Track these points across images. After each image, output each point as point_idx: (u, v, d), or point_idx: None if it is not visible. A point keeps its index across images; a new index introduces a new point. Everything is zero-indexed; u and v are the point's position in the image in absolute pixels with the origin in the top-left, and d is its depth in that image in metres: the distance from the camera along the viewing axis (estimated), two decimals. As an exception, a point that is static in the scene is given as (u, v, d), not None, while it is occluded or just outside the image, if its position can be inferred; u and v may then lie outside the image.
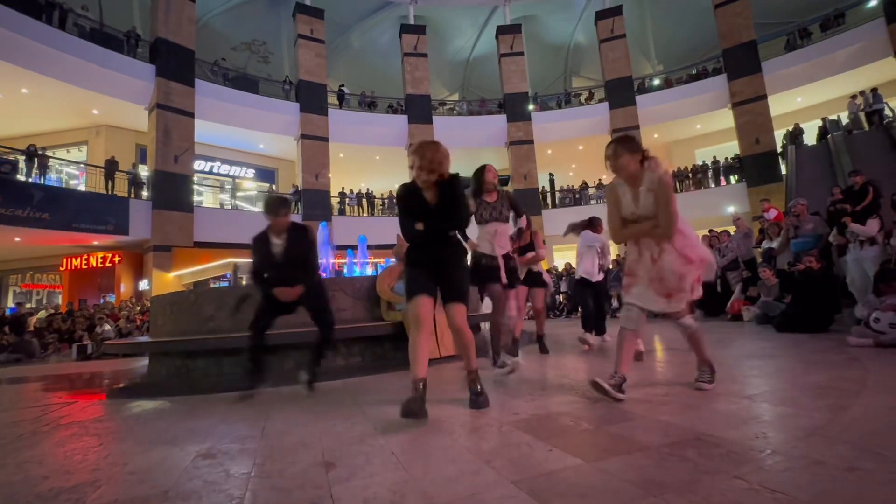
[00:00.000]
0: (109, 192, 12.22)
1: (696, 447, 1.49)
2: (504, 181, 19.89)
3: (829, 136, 13.65)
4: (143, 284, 13.00)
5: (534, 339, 4.46)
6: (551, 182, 19.09)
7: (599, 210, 2.69)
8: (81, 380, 5.12)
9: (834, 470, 1.25)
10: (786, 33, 16.27)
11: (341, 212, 17.02)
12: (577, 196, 18.48)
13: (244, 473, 1.55)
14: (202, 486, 1.47)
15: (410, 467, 1.50)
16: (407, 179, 2.47)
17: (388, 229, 7.16)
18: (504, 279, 3.12)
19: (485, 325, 6.70)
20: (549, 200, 18.66)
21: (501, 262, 3.14)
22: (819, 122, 14.98)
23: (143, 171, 13.51)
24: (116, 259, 13.70)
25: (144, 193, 12.99)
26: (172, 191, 12.91)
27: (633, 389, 2.44)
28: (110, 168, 12.40)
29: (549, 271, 12.60)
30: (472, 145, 18.58)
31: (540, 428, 1.84)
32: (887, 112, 13.29)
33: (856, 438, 1.48)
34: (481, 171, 3.27)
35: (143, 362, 5.39)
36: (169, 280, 12.53)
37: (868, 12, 15.02)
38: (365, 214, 17.57)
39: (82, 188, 12.70)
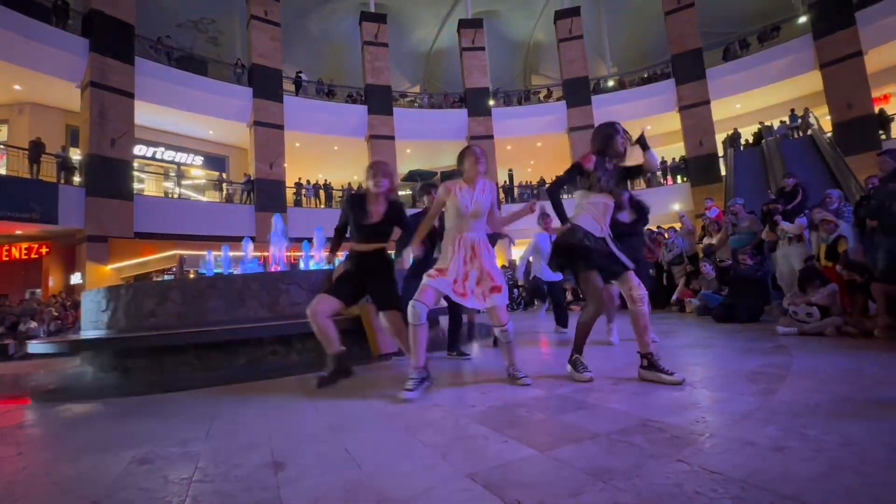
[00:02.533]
0: (35, 177, 11.11)
1: (642, 433, 1.56)
2: (465, 175, 19.98)
3: (763, 140, 14.77)
4: (76, 278, 11.97)
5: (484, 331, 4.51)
6: (510, 177, 19.37)
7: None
8: (1, 382, 4.64)
9: (764, 450, 1.34)
10: (727, 43, 17.35)
11: (297, 203, 16.45)
12: (536, 192, 18.87)
13: (185, 479, 1.45)
14: (136, 494, 1.36)
15: (364, 464, 1.47)
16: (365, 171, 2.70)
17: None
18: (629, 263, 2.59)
19: (443, 319, 6.68)
20: (508, 196, 18.95)
21: (613, 245, 2.60)
22: (756, 127, 16.15)
23: (75, 155, 12.37)
24: (44, 250, 12.52)
25: (76, 179, 11.90)
26: (109, 177, 11.89)
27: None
28: (35, 150, 11.25)
29: (503, 267, 12.79)
30: (432, 138, 18.50)
31: (496, 420, 1.86)
32: (812, 121, 14.56)
33: (783, 420, 1.60)
34: (611, 129, 2.65)
35: (75, 362, 4.97)
36: (106, 273, 11.61)
37: (799, 28, 16.29)
38: (322, 206, 17.07)
39: (3, 171, 11.45)
